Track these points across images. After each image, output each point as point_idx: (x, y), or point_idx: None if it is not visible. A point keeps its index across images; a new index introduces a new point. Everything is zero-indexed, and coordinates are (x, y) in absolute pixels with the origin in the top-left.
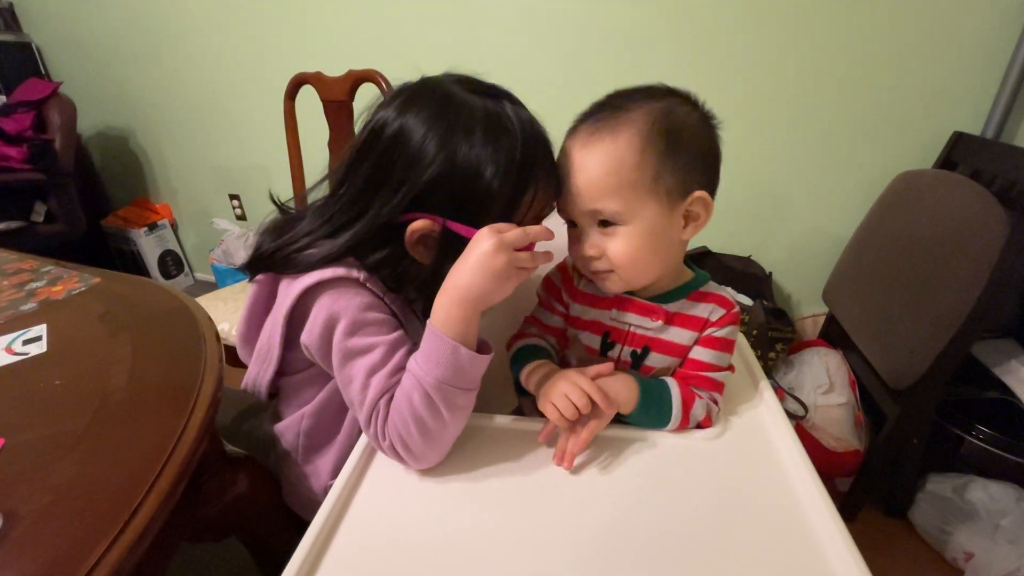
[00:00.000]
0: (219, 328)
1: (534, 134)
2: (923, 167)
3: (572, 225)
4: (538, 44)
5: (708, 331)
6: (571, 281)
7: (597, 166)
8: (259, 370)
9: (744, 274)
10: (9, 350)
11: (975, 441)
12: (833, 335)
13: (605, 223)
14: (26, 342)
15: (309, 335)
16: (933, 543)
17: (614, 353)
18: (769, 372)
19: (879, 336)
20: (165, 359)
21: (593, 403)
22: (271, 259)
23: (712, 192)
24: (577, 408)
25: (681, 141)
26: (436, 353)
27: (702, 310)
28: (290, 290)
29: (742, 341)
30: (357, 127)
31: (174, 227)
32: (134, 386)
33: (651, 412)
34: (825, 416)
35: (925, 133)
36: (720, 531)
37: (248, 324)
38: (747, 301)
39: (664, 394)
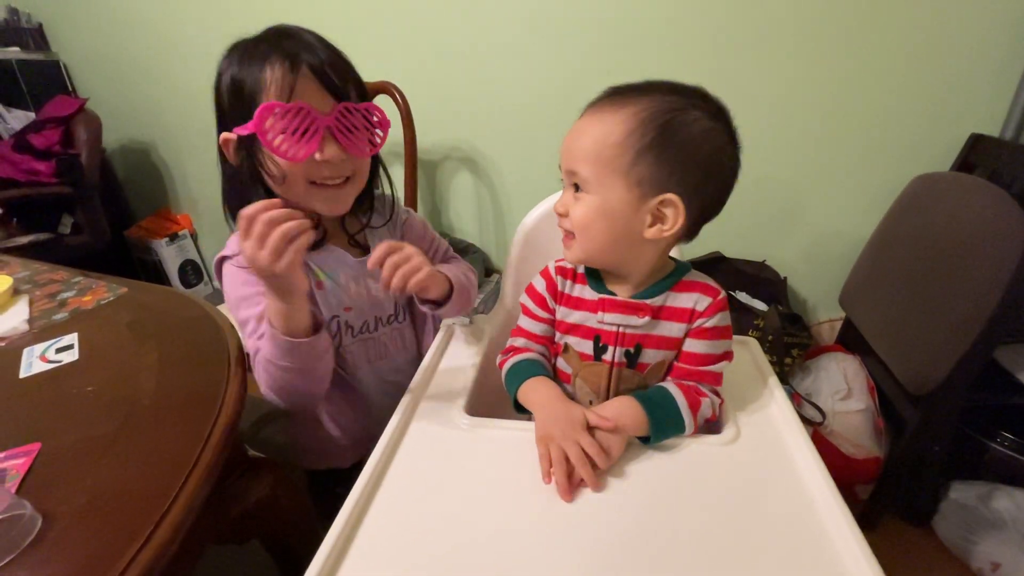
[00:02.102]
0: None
1: (268, 33)
2: (940, 169)
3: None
4: (549, 52)
5: (697, 322)
6: (555, 286)
7: (589, 131)
8: None
9: (758, 279)
10: (43, 358)
11: (1000, 448)
12: (850, 340)
13: (577, 187)
14: (59, 350)
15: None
16: (958, 553)
17: (607, 356)
18: (785, 378)
19: (898, 341)
20: (190, 366)
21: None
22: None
23: (696, 202)
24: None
25: (674, 141)
26: (267, 333)
27: (687, 300)
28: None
29: (754, 346)
30: None
31: (194, 237)
32: (161, 392)
33: (667, 431)
34: (843, 422)
35: (942, 135)
36: (734, 539)
37: None
38: (762, 306)
39: (670, 409)
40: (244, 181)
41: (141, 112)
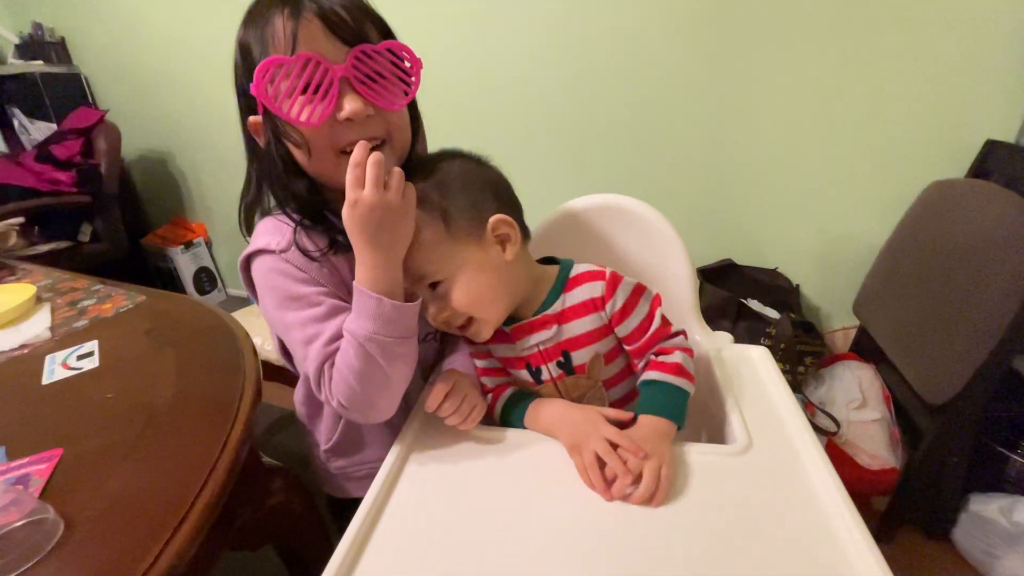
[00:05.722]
0: (253, 342)
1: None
2: (955, 176)
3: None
4: (557, 58)
5: (608, 308)
6: None
7: (420, 238)
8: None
9: (771, 287)
10: (65, 365)
11: (1021, 459)
12: (865, 348)
13: (433, 285)
14: (80, 357)
15: (261, 306)
16: (979, 567)
17: (544, 375)
18: (798, 387)
19: (914, 350)
20: (207, 373)
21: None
22: (243, 229)
23: (511, 212)
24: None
25: (452, 189)
26: (364, 308)
27: (581, 294)
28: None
29: (766, 354)
30: None
31: (208, 245)
32: (179, 399)
33: (680, 408)
34: (858, 432)
35: (957, 141)
36: (746, 551)
37: None
38: (774, 314)
39: (668, 393)
40: (274, 163)
41: (158, 123)
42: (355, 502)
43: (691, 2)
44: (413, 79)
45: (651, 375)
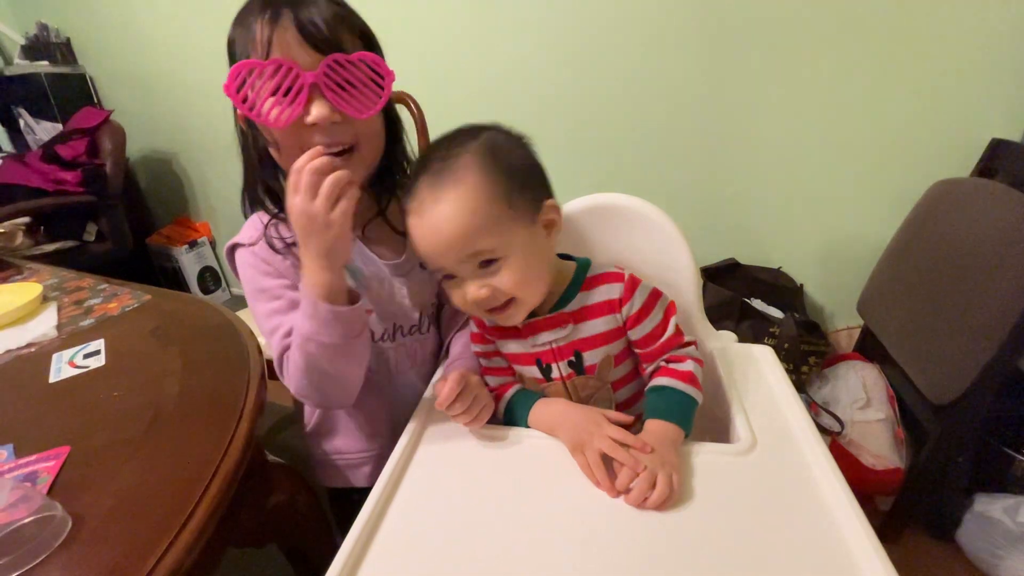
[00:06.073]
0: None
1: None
2: (960, 175)
3: (448, 277)
4: (561, 60)
5: (624, 311)
6: (483, 323)
7: (458, 213)
8: None
9: (774, 286)
10: (72, 363)
11: None
12: (869, 348)
13: (486, 263)
14: (86, 356)
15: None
16: (983, 567)
17: (555, 373)
18: (802, 386)
19: (918, 349)
20: (212, 371)
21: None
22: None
23: (549, 191)
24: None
25: (514, 165)
26: (305, 309)
27: (600, 295)
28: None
29: (770, 354)
30: None
31: (212, 244)
32: (185, 397)
33: (688, 415)
34: (863, 432)
35: (962, 140)
36: (750, 551)
37: None
38: (777, 314)
39: (677, 401)
40: (252, 157)
41: (163, 123)
42: (344, 492)
43: (697, 2)
44: (384, 90)
45: (662, 380)
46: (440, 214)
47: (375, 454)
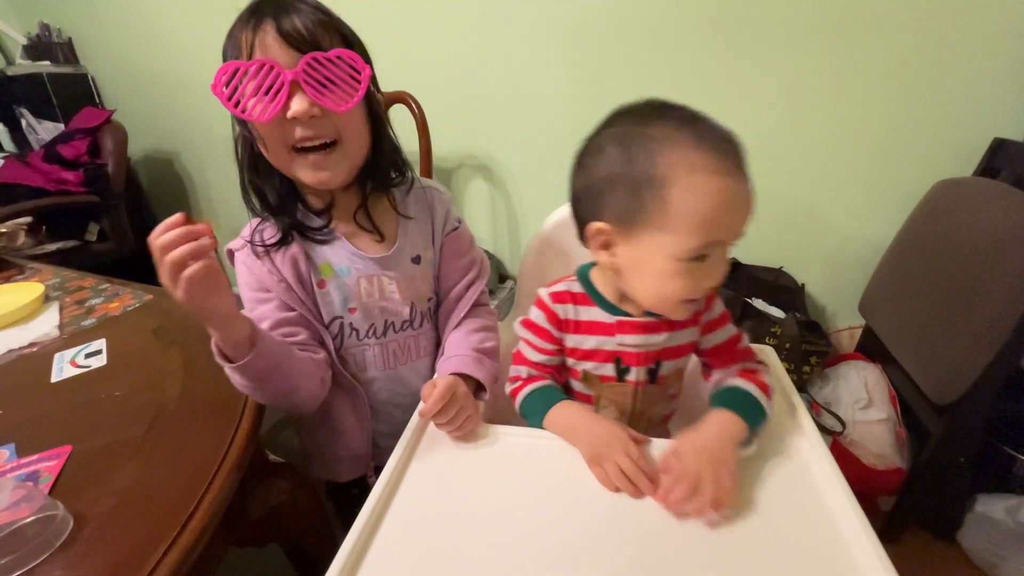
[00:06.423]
0: None
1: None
2: (962, 174)
3: (700, 258)
4: (562, 59)
5: (704, 319)
6: (556, 315)
7: (749, 196)
8: None
9: (775, 286)
10: (73, 363)
11: None
12: (871, 348)
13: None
14: (88, 355)
15: None
16: (985, 567)
17: (631, 376)
18: (803, 386)
19: (920, 349)
20: (213, 371)
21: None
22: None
23: None
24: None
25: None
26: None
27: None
28: None
29: (771, 354)
30: None
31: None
32: (186, 397)
33: (757, 422)
34: (864, 432)
35: (964, 139)
36: (751, 551)
37: None
38: (779, 314)
39: (750, 402)
40: (242, 155)
41: (165, 123)
42: (343, 486)
43: (698, 2)
44: (360, 85)
45: (741, 383)
46: (742, 191)
47: (363, 452)
